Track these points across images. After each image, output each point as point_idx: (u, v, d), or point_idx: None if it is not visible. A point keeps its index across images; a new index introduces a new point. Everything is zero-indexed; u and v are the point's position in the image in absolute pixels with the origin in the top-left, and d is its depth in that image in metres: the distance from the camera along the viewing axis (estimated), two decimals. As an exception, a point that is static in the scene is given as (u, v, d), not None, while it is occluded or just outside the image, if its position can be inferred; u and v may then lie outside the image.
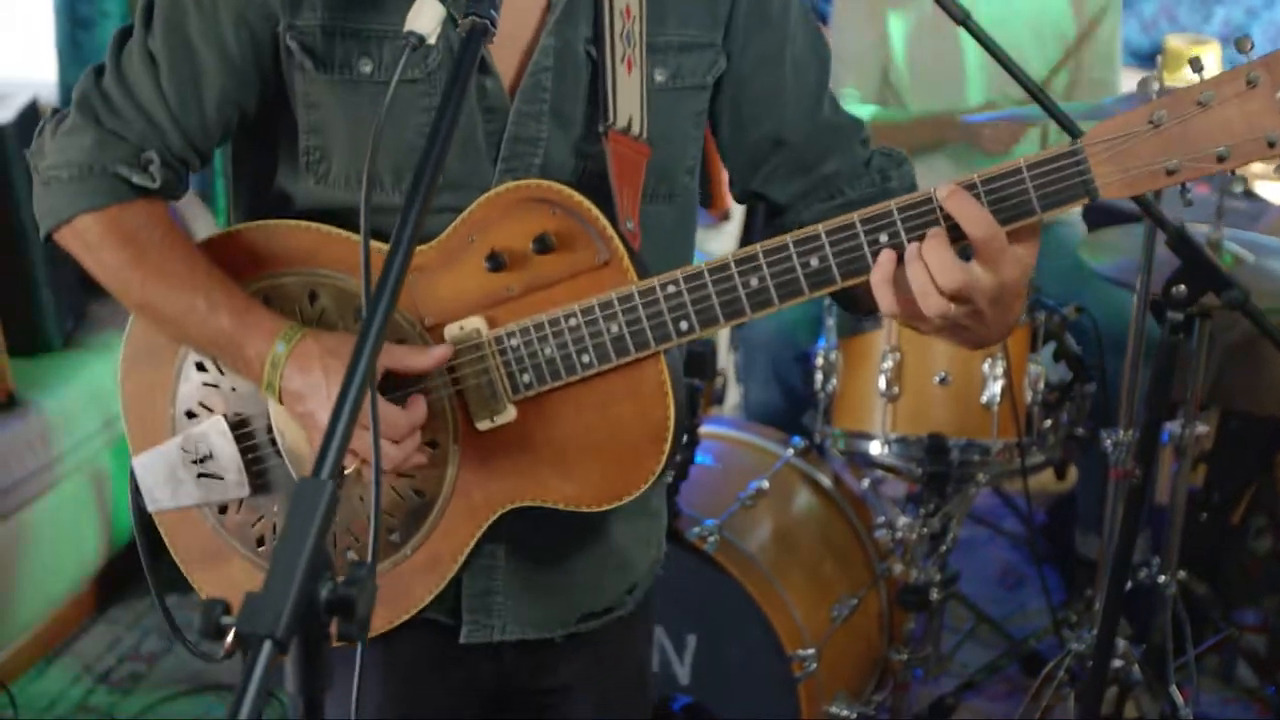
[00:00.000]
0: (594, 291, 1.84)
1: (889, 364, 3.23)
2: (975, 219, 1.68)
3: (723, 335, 4.28)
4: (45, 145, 1.93)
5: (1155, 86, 2.79)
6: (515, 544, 2.01)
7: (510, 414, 1.88)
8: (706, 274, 1.80)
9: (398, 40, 1.75)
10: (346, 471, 1.87)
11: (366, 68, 1.86)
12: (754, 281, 1.79)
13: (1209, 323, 3.07)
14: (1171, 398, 2.84)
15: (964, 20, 2.32)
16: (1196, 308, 2.57)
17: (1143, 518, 2.88)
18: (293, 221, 1.93)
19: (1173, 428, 3.14)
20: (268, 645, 1.11)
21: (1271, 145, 1.62)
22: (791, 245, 1.76)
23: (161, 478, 1.99)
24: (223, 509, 1.98)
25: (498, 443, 1.90)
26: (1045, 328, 3.31)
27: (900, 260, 1.72)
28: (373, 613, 1.20)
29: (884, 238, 1.73)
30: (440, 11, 1.59)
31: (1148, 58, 5.60)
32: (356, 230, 1.86)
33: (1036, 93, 2.26)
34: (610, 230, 1.84)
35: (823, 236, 1.75)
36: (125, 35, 1.94)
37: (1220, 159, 1.64)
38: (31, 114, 4.19)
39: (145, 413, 2.01)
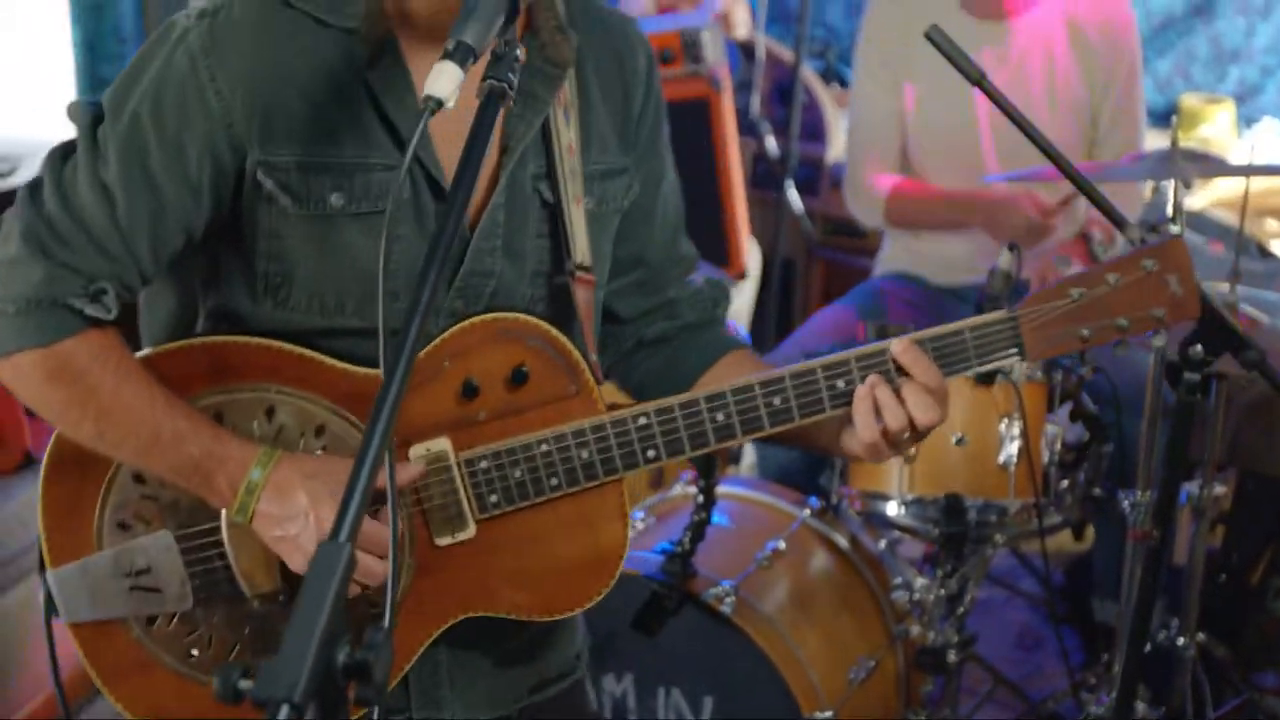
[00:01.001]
0: (561, 420, 1.94)
1: (905, 424, 3.22)
2: (927, 370, 1.93)
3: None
4: None
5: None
6: (458, 637, 2.03)
7: (471, 531, 1.95)
8: (677, 408, 1.94)
9: (368, 171, 1.87)
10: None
11: (338, 201, 1.90)
12: (720, 417, 1.94)
13: (1226, 383, 3.07)
14: (1189, 458, 2.83)
15: (979, 81, 2.35)
16: (1213, 368, 2.56)
17: (1161, 579, 2.86)
18: (250, 339, 1.94)
19: (1190, 488, 3.13)
20: (285, 709, 1.11)
21: (1158, 319, 1.99)
22: (757, 387, 1.94)
23: (84, 590, 1.95)
24: (151, 619, 1.96)
25: (455, 558, 1.95)
26: (1062, 388, 3.30)
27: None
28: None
29: (841, 384, 1.94)
30: (459, 76, 1.61)
31: (1163, 116, 5.62)
32: (315, 350, 1.93)
33: (1051, 153, 2.27)
34: (583, 364, 1.96)
35: (786, 380, 1.94)
36: (65, 154, 1.91)
37: (1120, 329, 1.99)
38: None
39: (69, 522, 1.97)
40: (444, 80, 1.59)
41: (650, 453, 1.94)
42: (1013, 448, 3.20)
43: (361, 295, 1.92)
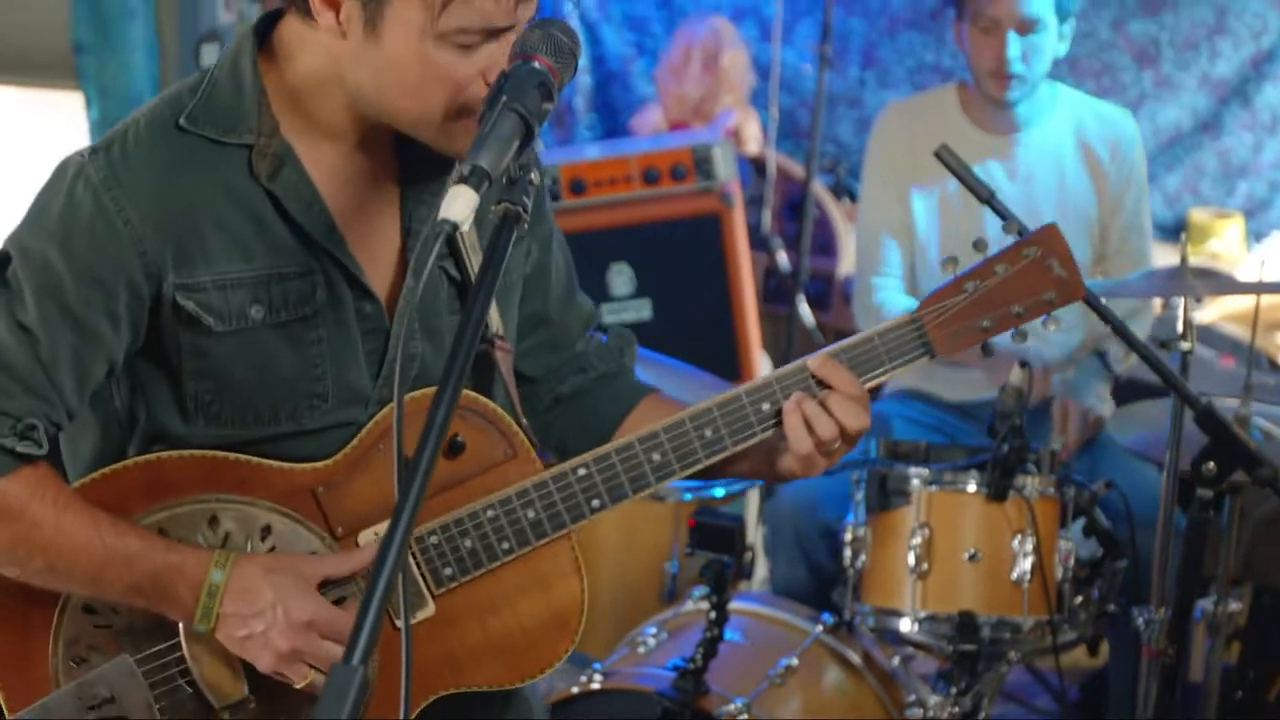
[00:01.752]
0: (502, 484, 1.98)
1: (918, 540, 3.21)
2: (846, 380, 2.00)
3: (751, 509, 4.28)
4: None
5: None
6: (431, 713, 2.02)
7: (430, 609, 1.97)
8: (614, 454, 1.98)
9: (284, 280, 1.92)
10: (300, 685, 1.89)
11: (258, 313, 1.93)
12: (655, 456, 2.00)
13: (1239, 497, 3.06)
14: (1203, 574, 2.82)
15: (988, 199, 2.37)
16: (1226, 484, 2.56)
17: (1177, 696, 2.84)
18: (183, 452, 1.96)
19: (1205, 605, 3.11)
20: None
21: (1049, 302, 2.07)
22: (688, 421, 1.99)
23: None
24: None
25: (418, 638, 1.94)
26: (1075, 503, 3.29)
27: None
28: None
29: (766, 405, 2.00)
30: (475, 200, 1.62)
31: (1172, 231, 5.65)
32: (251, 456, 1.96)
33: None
34: (514, 426, 2.01)
35: (714, 411, 2.00)
36: None
37: (1017, 317, 2.07)
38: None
39: (21, 665, 1.95)
40: (459, 205, 1.61)
41: (595, 502, 1.98)
42: (1026, 564, 3.19)
43: (293, 401, 1.96)
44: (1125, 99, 4.16)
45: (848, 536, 3.38)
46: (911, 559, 3.22)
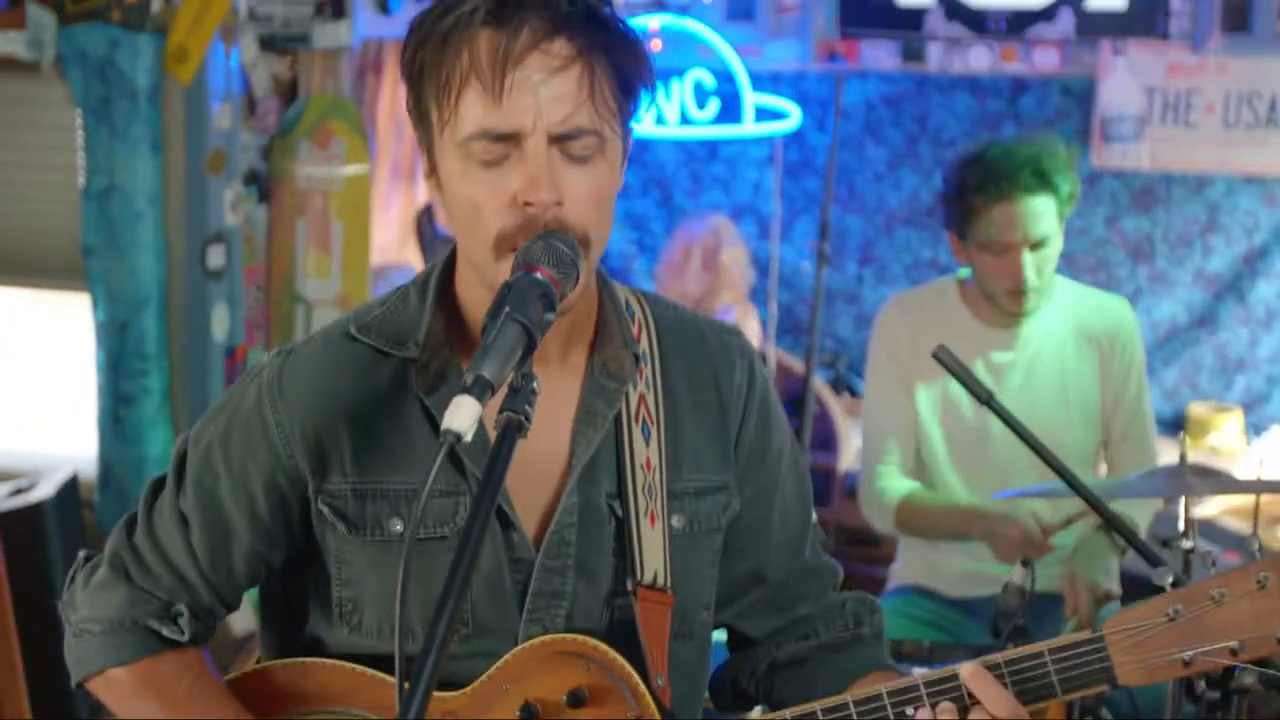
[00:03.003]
0: None
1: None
2: (998, 699, 1.79)
3: None
4: (76, 597, 1.98)
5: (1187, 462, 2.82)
6: None
7: None
8: None
9: (428, 497, 1.80)
10: None
11: (398, 527, 1.91)
12: None
13: (1246, 699, 3.03)
14: (1213, 775, 2.78)
15: (988, 400, 2.38)
16: (1234, 685, 2.54)
17: None
18: (327, 660, 1.97)
19: (1214, 805, 3.07)
20: None
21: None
22: (820, 714, 1.87)
23: None
24: None
25: None
26: (1081, 703, 3.27)
27: None
28: None
29: (909, 710, 1.83)
30: (478, 410, 1.61)
31: (1172, 425, 5.67)
32: (389, 674, 1.93)
33: (1063, 472, 2.29)
34: (642, 687, 1.90)
35: (851, 707, 1.86)
36: (158, 489, 1.99)
37: (1234, 653, 1.74)
38: (71, 490, 4.25)
39: None
40: (463, 414, 1.60)
41: None
42: (1034, 765, 3.15)
43: (427, 621, 1.88)
44: (1121, 293, 4.22)
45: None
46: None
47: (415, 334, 1.93)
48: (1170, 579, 2.32)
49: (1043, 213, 3.72)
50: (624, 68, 1.82)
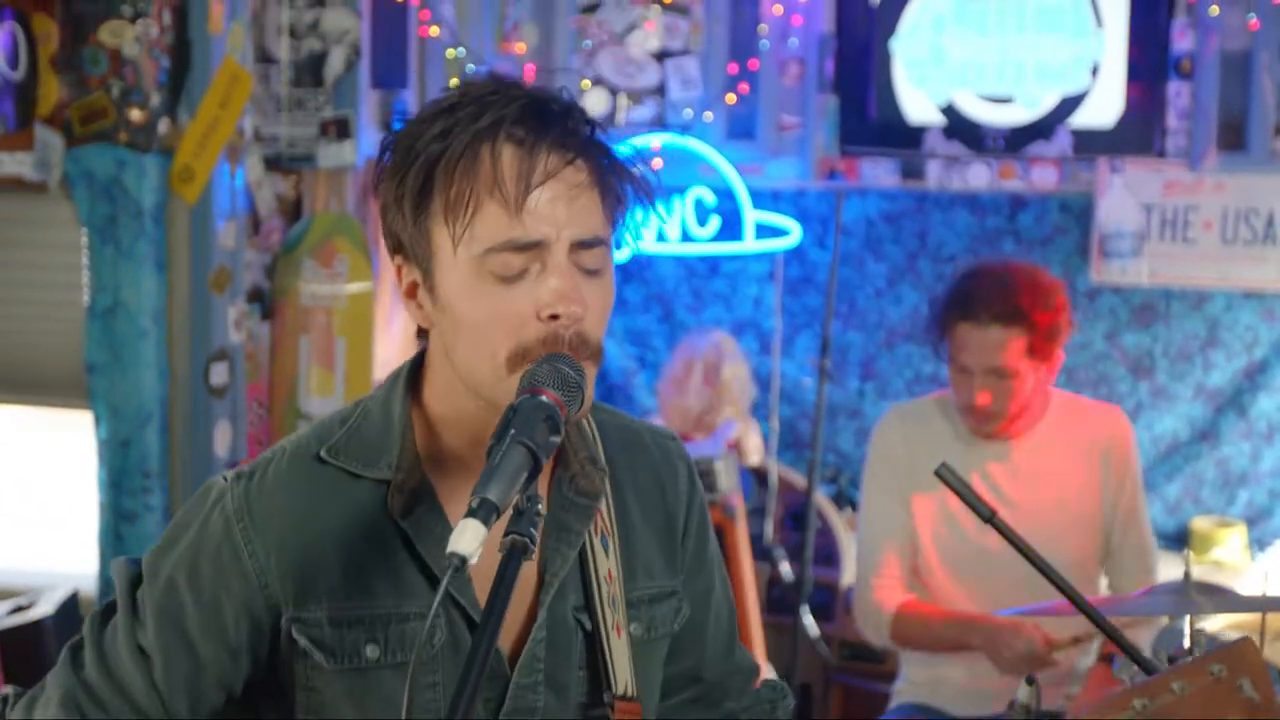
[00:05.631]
0: None
1: None
2: None
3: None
4: None
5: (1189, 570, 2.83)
6: None
7: None
8: None
9: (403, 620, 1.87)
10: None
11: (373, 654, 1.89)
12: None
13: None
14: None
15: (990, 518, 2.37)
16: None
17: None
18: None
19: None
20: None
21: None
22: None
23: None
24: None
25: None
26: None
27: None
28: None
29: None
30: (484, 534, 1.61)
31: (1175, 539, 5.65)
32: None
33: (1065, 588, 2.28)
34: None
35: None
36: (105, 617, 1.94)
37: None
38: (72, 606, 4.23)
39: None
40: (468, 537, 1.60)
41: None
42: None
43: None
44: (1122, 408, 4.23)
45: None
46: None
47: (386, 455, 1.92)
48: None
49: (1002, 343, 3.73)
50: (621, 189, 1.89)
